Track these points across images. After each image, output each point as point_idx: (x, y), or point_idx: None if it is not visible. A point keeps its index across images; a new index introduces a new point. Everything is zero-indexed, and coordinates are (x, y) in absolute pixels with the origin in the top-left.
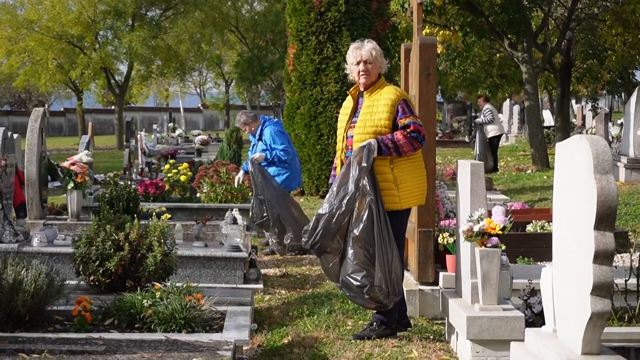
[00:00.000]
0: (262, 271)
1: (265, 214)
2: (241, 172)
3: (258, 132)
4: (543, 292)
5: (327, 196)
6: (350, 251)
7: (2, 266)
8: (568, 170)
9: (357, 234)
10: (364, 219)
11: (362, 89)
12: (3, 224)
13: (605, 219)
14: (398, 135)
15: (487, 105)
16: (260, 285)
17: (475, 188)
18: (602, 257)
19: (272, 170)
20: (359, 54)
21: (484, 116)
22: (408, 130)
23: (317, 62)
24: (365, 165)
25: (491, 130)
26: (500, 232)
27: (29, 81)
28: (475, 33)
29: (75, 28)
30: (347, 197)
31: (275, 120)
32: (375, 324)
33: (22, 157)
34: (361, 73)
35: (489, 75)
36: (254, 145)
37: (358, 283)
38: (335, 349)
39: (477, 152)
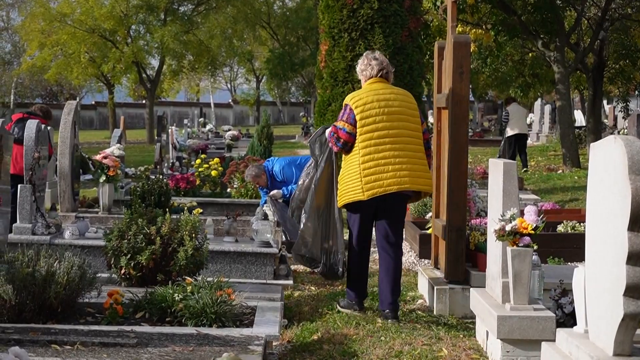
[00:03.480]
0: (292, 267)
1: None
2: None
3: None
4: (575, 293)
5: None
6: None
7: (35, 258)
8: (602, 170)
9: (305, 206)
10: (309, 200)
11: None
12: (35, 216)
13: (639, 219)
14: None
15: (508, 107)
16: (290, 282)
17: (508, 187)
18: (636, 258)
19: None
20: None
21: (503, 118)
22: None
23: (349, 59)
24: (321, 147)
25: (509, 131)
26: (533, 231)
27: (61, 74)
28: (508, 32)
29: (108, 22)
30: (313, 177)
31: (272, 159)
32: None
33: (55, 149)
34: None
35: (520, 74)
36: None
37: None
38: (365, 346)
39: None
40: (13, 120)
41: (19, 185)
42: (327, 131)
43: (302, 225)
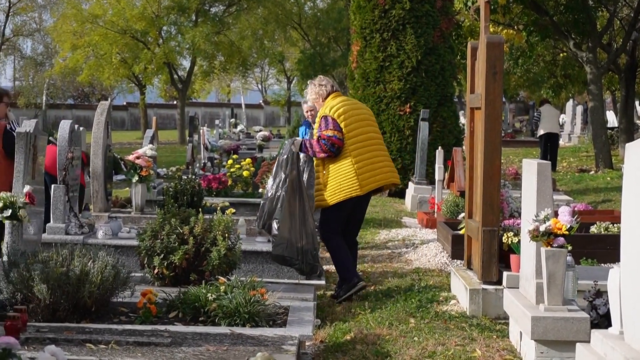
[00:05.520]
0: (325, 267)
1: None
2: None
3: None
4: (610, 294)
5: (267, 184)
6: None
7: (69, 257)
8: (637, 170)
9: (275, 214)
10: (280, 202)
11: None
12: (69, 216)
13: None
14: (314, 139)
15: (540, 108)
16: (323, 282)
17: (542, 188)
18: None
19: None
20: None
21: (534, 119)
22: (319, 137)
23: (380, 60)
24: (284, 157)
25: (540, 130)
26: (567, 232)
27: (93, 75)
28: (539, 32)
29: (139, 23)
30: (281, 182)
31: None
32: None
33: (87, 150)
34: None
35: (552, 75)
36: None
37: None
38: (398, 346)
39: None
40: None
41: (52, 186)
42: (299, 142)
43: (275, 230)
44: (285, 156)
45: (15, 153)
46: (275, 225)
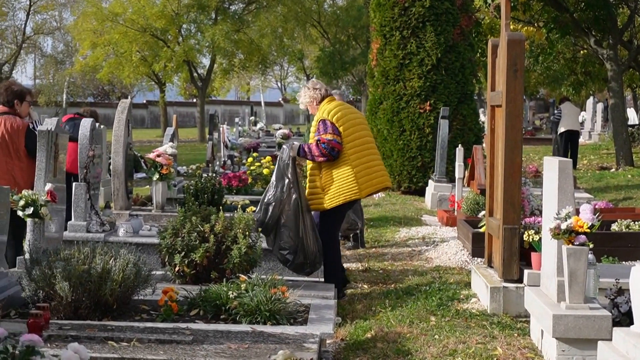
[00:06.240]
0: (345, 265)
1: None
2: None
3: None
4: (632, 291)
5: (268, 187)
6: (280, 232)
7: (91, 255)
8: None
9: (284, 221)
10: (290, 210)
11: None
12: (90, 214)
13: None
14: (313, 143)
15: (561, 105)
16: None
17: (563, 185)
18: None
19: None
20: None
21: (554, 117)
22: (318, 141)
23: (400, 58)
24: (283, 161)
25: (561, 128)
26: (588, 230)
27: (112, 73)
28: (560, 30)
29: (159, 21)
30: (285, 187)
31: None
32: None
33: (108, 148)
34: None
35: (572, 72)
36: None
37: (283, 258)
38: (418, 344)
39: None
40: (63, 121)
41: (73, 184)
42: (296, 146)
43: (285, 238)
44: (286, 161)
45: (37, 151)
46: (286, 232)
